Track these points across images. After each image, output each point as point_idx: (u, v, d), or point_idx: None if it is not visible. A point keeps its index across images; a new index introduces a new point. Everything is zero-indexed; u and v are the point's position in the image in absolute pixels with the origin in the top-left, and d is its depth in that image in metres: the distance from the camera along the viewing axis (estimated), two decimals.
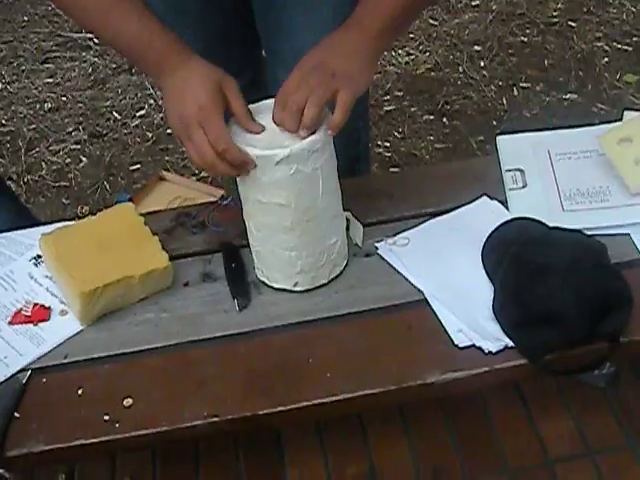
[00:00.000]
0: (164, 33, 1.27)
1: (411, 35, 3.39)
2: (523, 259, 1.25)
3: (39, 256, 1.45)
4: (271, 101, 1.26)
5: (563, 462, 1.66)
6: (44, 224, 1.59)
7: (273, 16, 1.59)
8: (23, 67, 3.45)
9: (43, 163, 2.92)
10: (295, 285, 1.35)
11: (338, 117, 1.20)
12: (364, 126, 1.90)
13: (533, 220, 1.38)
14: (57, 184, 2.83)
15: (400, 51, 3.31)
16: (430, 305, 1.30)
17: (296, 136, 1.21)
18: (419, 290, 1.33)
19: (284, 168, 1.20)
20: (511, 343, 1.22)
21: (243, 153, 1.20)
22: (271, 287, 1.37)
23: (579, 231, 1.32)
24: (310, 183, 1.24)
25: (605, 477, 1.63)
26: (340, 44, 1.25)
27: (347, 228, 1.41)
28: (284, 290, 1.36)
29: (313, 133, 1.20)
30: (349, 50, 1.24)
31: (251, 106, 1.27)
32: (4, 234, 1.53)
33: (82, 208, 2.69)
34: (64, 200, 2.75)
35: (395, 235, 1.43)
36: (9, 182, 2.81)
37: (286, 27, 1.59)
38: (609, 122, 1.57)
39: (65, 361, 1.29)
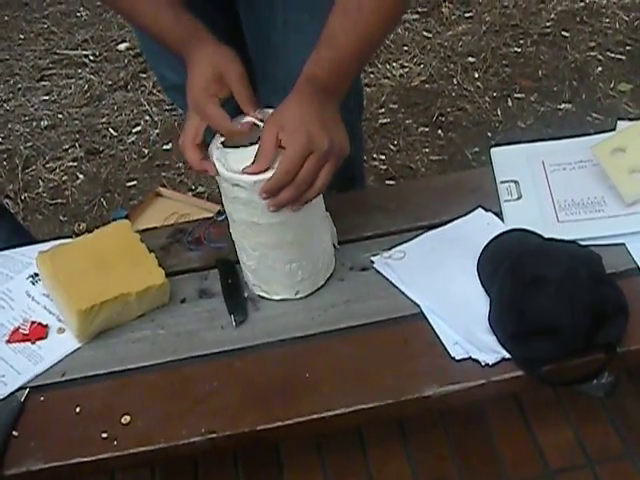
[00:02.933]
0: (188, 21, 1.33)
1: (405, 47, 3.40)
2: (518, 270, 1.26)
3: (36, 274, 1.45)
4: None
5: (563, 473, 1.66)
6: (41, 242, 1.59)
7: (263, 40, 1.60)
8: (19, 85, 3.46)
9: (40, 181, 2.92)
10: (297, 293, 1.36)
11: (312, 195, 1.21)
12: (358, 147, 1.90)
13: (528, 231, 1.39)
14: (54, 201, 2.83)
15: (394, 64, 3.32)
16: (427, 318, 1.30)
17: None
18: (415, 303, 1.33)
19: None
20: (508, 355, 1.22)
21: (197, 162, 1.24)
22: (271, 300, 1.37)
23: (574, 242, 1.32)
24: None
25: None
26: (316, 109, 1.20)
27: None
28: (285, 300, 1.36)
29: None
30: (326, 116, 1.20)
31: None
32: (1, 252, 1.53)
33: (79, 225, 2.69)
34: (61, 217, 2.76)
35: (391, 249, 1.43)
36: (6, 200, 2.81)
37: (279, 50, 1.60)
38: (604, 132, 1.58)
39: (63, 379, 1.29)
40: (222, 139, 1.27)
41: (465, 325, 1.27)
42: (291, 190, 1.18)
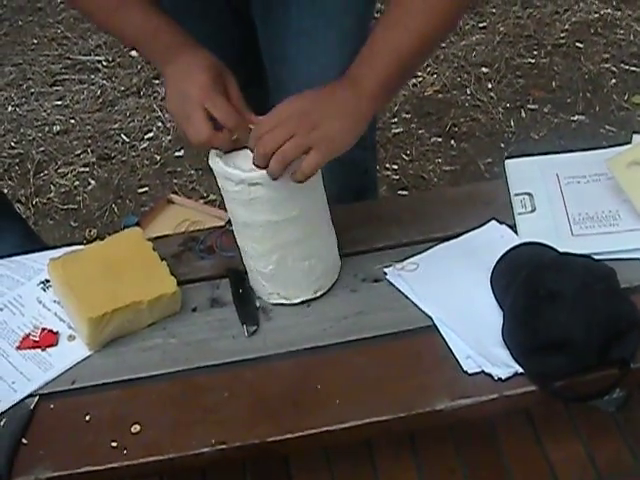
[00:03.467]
0: (169, 25, 1.30)
1: None
2: (532, 284, 1.25)
3: (47, 280, 1.45)
4: None
5: None
6: (53, 248, 1.59)
7: (278, 45, 1.60)
8: (32, 90, 3.47)
9: (52, 186, 2.93)
10: (316, 292, 1.36)
11: (299, 177, 1.18)
12: (371, 157, 1.89)
13: (542, 245, 1.38)
14: (65, 207, 2.83)
15: None
16: (439, 331, 1.29)
17: None
18: (428, 316, 1.32)
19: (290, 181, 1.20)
20: (521, 369, 1.21)
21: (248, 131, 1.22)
22: (291, 305, 1.37)
23: (588, 256, 1.31)
24: (313, 183, 1.25)
25: None
26: (329, 99, 1.21)
27: None
28: (305, 303, 1.36)
29: None
30: (337, 109, 1.19)
31: None
32: (13, 258, 1.53)
33: (90, 231, 2.69)
34: (72, 223, 2.76)
35: (403, 260, 1.42)
36: (18, 205, 2.81)
37: (292, 60, 1.59)
38: (618, 145, 1.57)
39: (73, 387, 1.29)
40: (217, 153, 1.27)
41: (478, 338, 1.26)
42: (277, 160, 1.17)
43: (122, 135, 3.15)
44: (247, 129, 1.24)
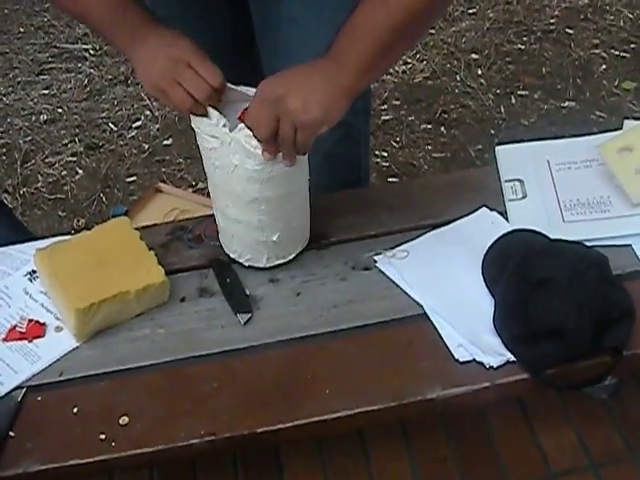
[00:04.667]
0: (137, 7, 1.29)
1: None
2: (523, 272, 1.24)
3: (34, 271, 1.43)
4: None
5: (565, 475, 1.64)
6: (40, 238, 1.57)
7: (271, 35, 1.58)
8: (19, 79, 3.43)
9: (39, 175, 2.90)
10: (306, 240, 1.43)
11: (302, 152, 1.22)
12: (364, 151, 1.88)
13: (533, 231, 1.37)
14: (53, 196, 2.81)
15: None
16: (430, 319, 1.29)
17: None
18: (419, 304, 1.31)
19: None
20: (512, 357, 1.20)
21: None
22: (289, 261, 1.41)
23: (580, 242, 1.30)
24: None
25: None
26: (310, 76, 1.20)
27: None
28: (301, 253, 1.41)
29: None
30: (318, 86, 1.19)
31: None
32: None
33: (78, 221, 2.67)
34: (60, 213, 2.74)
35: (394, 248, 1.41)
36: (5, 195, 2.79)
37: (282, 46, 1.58)
38: (609, 131, 1.56)
39: (60, 379, 1.27)
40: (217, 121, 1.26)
41: (469, 327, 1.26)
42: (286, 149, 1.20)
43: (110, 124, 3.13)
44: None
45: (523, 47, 3.34)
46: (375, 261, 1.40)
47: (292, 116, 1.16)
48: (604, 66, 3.20)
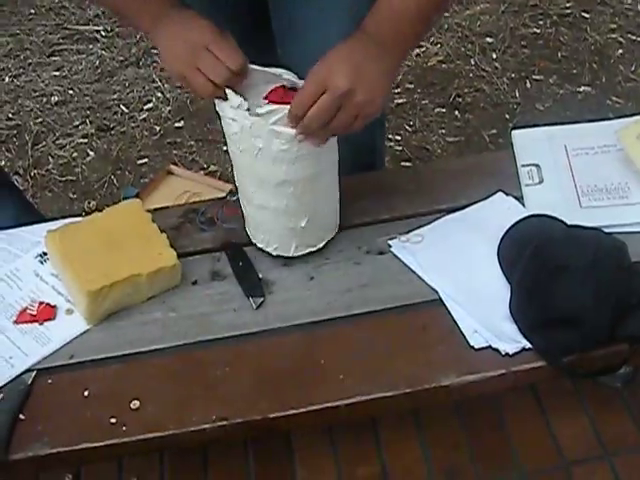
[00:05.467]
0: None
1: None
2: (541, 258, 1.22)
3: (45, 253, 1.42)
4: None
5: (579, 464, 1.63)
6: (50, 220, 1.56)
7: (287, 15, 1.56)
8: (30, 60, 3.41)
9: (50, 157, 2.89)
10: (336, 227, 1.41)
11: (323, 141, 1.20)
12: (381, 134, 1.86)
13: (550, 217, 1.35)
14: (64, 178, 2.79)
15: None
16: (445, 305, 1.27)
17: None
18: (434, 289, 1.30)
19: None
20: (528, 345, 1.18)
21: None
22: (317, 250, 1.38)
23: (598, 229, 1.28)
24: None
25: (622, 478, 1.60)
26: (369, 64, 1.17)
27: None
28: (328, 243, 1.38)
29: None
30: (378, 75, 1.17)
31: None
32: (9, 230, 1.50)
33: (89, 203, 2.66)
34: (71, 195, 2.72)
35: (409, 232, 1.40)
36: (15, 177, 2.78)
37: (298, 26, 1.56)
38: (625, 116, 1.54)
39: (71, 361, 1.26)
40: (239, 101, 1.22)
41: (485, 313, 1.24)
42: (303, 125, 1.17)
43: (121, 106, 3.10)
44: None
45: (539, 31, 3.30)
46: (389, 245, 1.38)
47: (359, 108, 1.15)
48: (620, 51, 3.16)
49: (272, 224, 1.35)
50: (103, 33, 3.51)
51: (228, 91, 1.20)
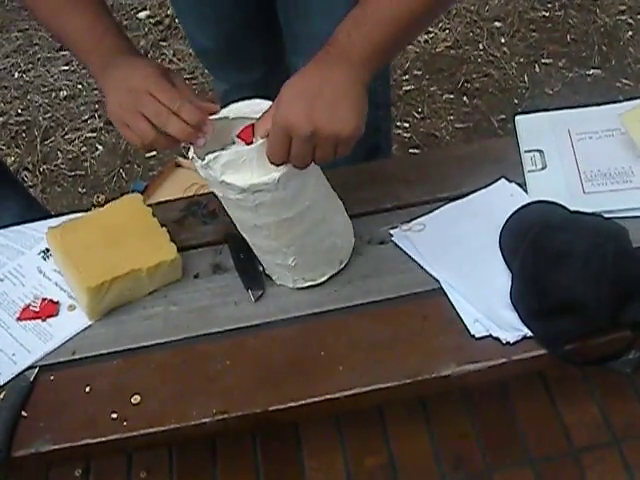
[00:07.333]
0: (117, 31, 1.25)
1: None
2: (541, 245, 1.21)
3: (48, 250, 1.43)
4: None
5: (588, 451, 1.62)
6: (54, 216, 1.56)
7: (292, 0, 1.56)
8: (39, 55, 3.42)
9: (59, 152, 2.90)
10: (341, 263, 1.33)
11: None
12: (384, 115, 1.84)
13: (553, 203, 1.34)
14: (73, 173, 2.80)
15: None
16: (446, 294, 1.26)
17: None
18: (435, 278, 1.29)
19: (299, 177, 1.15)
20: (530, 333, 1.18)
21: (197, 110, 1.12)
22: (320, 284, 1.31)
23: (600, 214, 1.27)
24: (317, 172, 1.21)
25: (631, 466, 1.59)
26: (309, 90, 1.08)
27: None
28: (332, 279, 1.32)
29: None
30: (339, 94, 1.07)
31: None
32: (13, 227, 1.51)
33: (98, 197, 2.67)
34: (80, 189, 2.73)
35: (410, 221, 1.39)
36: (25, 172, 2.79)
37: (303, 10, 1.55)
38: (633, 99, 1.52)
39: (73, 358, 1.27)
40: (193, 154, 1.15)
41: (486, 302, 1.23)
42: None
43: None
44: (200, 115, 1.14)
45: (547, 14, 3.27)
46: (391, 235, 1.37)
47: (332, 140, 1.07)
48: (630, 33, 3.13)
49: (265, 259, 1.32)
50: None
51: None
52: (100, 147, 2.90)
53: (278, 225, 1.20)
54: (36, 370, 1.25)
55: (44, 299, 1.35)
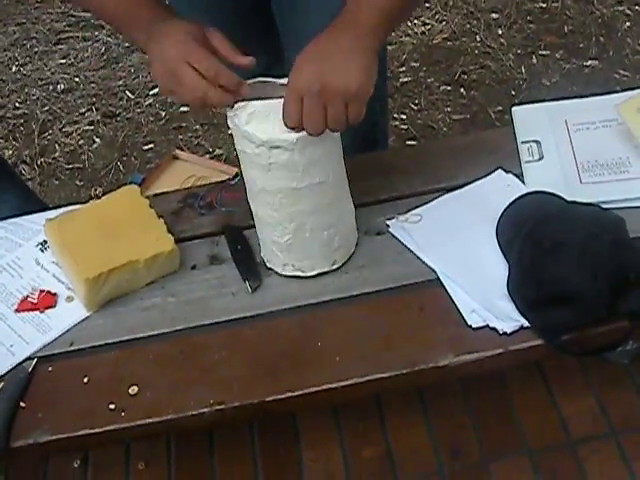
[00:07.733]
0: (151, 2, 1.26)
1: (427, 4, 3.31)
2: (538, 236, 1.21)
3: (45, 241, 1.43)
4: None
5: (585, 442, 1.63)
6: (51, 209, 1.56)
7: None
8: (36, 49, 3.42)
9: (56, 145, 2.89)
10: (333, 264, 1.32)
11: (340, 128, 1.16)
12: (381, 109, 1.84)
13: (550, 194, 1.34)
14: (71, 166, 2.80)
15: (416, 21, 3.24)
16: (443, 284, 1.26)
17: None
18: (431, 269, 1.29)
19: (318, 145, 1.17)
20: (527, 323, 1.18)
21: (233, 75, 1.16)
22: (307, 277, 1.31)
23: (596, 205, 1.27)
24: (336, 150, 1.22)
25: (628, 457, 1.59)
26: (336, 49, 1.13)
27: None
28: (321, 275, 1.32)
29: None
30: (348, 54, 1.13)
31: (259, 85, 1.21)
32: (11, 220, 1.51)
33: (95, 190, 2.67)
34: (78, 182, 2.73)
35: (407, 212, 1.39)
36: (23, 165, 2.79)
37: (299, 6, 1.55)
38: (630, 90, 1.52)
39: (71, 349, 1.27)
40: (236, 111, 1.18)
41: (483, 292, 1.23)
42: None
43: (127, 92, 3.11)
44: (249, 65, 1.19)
45: (545, 5, 3.27)
46: (388, 225, 1.37)
47: (340, 98, 1.11)
48: (628, 24, 3.12)
49: (262, 233, 1.32)
50: None
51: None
52: (97, 140, 2.90)
53: (285, 194, 1.21)
54: (34, 361, 1.25)
55: (42, 291, 1.35)
